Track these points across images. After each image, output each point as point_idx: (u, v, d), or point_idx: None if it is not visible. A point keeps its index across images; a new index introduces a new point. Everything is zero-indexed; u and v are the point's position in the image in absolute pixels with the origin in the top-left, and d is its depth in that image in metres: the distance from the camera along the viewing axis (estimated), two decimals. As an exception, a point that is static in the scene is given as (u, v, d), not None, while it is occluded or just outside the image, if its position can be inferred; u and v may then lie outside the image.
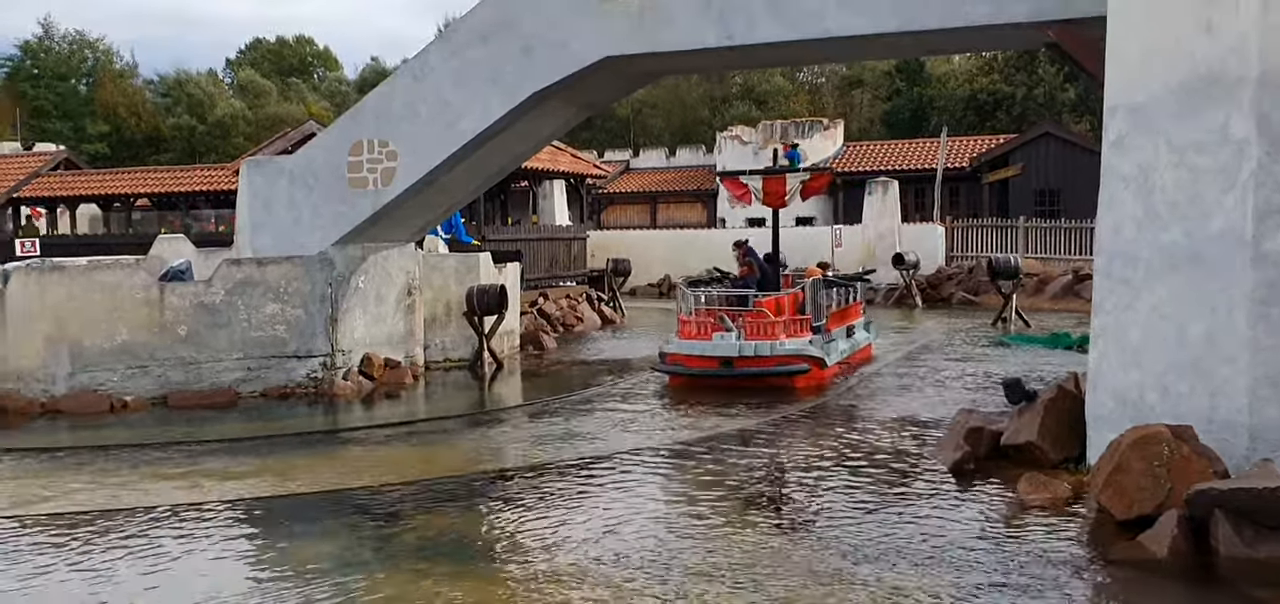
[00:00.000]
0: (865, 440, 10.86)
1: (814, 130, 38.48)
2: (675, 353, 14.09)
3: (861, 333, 16.64)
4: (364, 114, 14.14)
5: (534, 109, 13.57)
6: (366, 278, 14.94)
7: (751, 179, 15.41)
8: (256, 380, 14.16)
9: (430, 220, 16.13)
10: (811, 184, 15.40)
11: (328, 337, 14.42)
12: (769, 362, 13.63)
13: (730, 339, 13.75)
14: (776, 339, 13.80)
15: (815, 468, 9.67)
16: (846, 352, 15.39)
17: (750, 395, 13.09)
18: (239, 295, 14.08)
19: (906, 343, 19.22)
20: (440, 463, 10.25)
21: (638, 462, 10.07)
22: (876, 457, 10.06)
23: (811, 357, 13.92)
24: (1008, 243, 30.81)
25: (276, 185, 14.40)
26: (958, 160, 36.29)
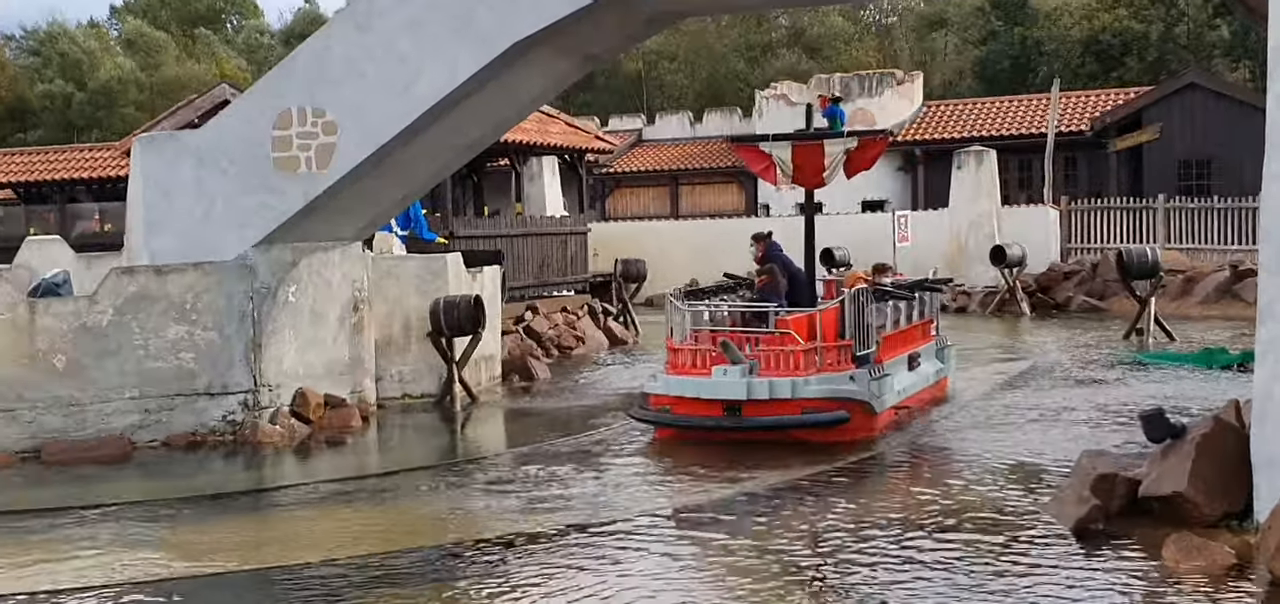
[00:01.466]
0: (956, 495, 10.82)
1: (884, 86, 38.55)
2: (661, 394, 13.41)
3: (931, 363, 15.64)
4: (293, 75, 14.21)
5: (516, 64, 13.62)
6: (299, 289, 15.02)
7: (776, 147, 14.39)
8: (157, 425, 14.21)
9: (382, 213, 16.20)
10: (860, 154, 14.20)
11: (249, 367, 14.48)
12: (791, 407, 12.73)
13: (736, 376, 12.82)
14: (801, 375, 12.85)
15: (889, 533, 9.64)
16: (907, 390, 14.35)
17: (767, 452, 12.37)
18: (133, 315, 14.14)
19: (1009, 363, 19.18)
20: (397, 532, 10.24)
21: (653, 528, 10.08)
22: (972, 516, 10.03)
23: (852, 399, 12.91)
24: (1143, 230, 30.74)
25: (180, 169, 14.47)
26: (1074, 122, 36.24)
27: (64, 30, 62.61)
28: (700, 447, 12.77)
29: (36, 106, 57.62)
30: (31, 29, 65.47)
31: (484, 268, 19.16)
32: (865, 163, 14.38)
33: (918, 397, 14.82)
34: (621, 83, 56.50)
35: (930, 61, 52.77)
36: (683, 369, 13.41)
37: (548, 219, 27.81)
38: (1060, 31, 48.70)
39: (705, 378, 13.05)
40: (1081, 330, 23.62)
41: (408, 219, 21.33)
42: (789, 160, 14.21)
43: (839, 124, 14.97)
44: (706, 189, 42.19)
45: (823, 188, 14.83)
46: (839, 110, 15.38)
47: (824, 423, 12.76)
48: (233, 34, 68.14)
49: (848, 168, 14.24)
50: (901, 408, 14.13)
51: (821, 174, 14.26)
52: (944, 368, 16.08)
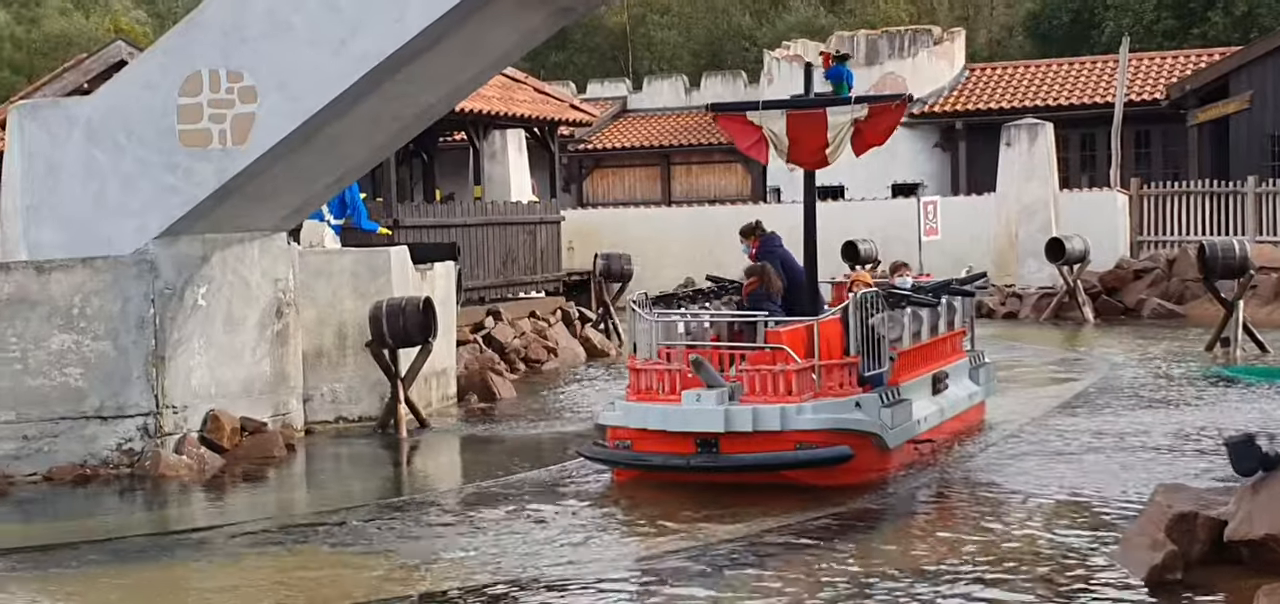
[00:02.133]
0: (1006, 537, 10.81)
1: (919, 45, 38.69)
2: (620, 425, 12.90)
3: (963, 384, 15.03)
4: (203, 30, 14.20)
5: (476, 15, 13.64)
6: (211, 290, 15.01)
7: (767, 117, 13.83)
8: (37, 454, 14.18)
9: (311, 198, 16.21)
10: (871, 125, 13.63)
11: (150, 385, 14.45)
12: (781, 442, 12.14)
13: (711, 402, 12.23)
14: (794, 401, 12.31)
15: (927, 581, 9.64)
16: (931, 419, 13.74)
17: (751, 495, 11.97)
18: (8, 322, 14.14)
19: (1068, 382, 19.22)
20: (326, 585, 10.23)
21: (637, 580, 10.09)
22: (1026, 562, 10.04)
23: (858, 431, 12.36)
24: (1229, 219, 30.85)
25: (66, 144, 14.46)
26: (1147, 90, 36.37)
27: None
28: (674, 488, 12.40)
29: (-107, 69, 57.46)
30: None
31: (436, 265, 19.16)
32: (877, 137, 13.84)
33: (945, 427, 14.20)
34: (602, 42, 56.61)
35: (974, 16, 52.96)
36: (646, 394, 12.84)
37: (513, 205, 27.82)
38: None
39: (673, 405, 12.44)
40: (1155, 340, 23.69)
41: (343, 205, 21.29)
42: (783, 133, 13.65)
43: (845, 88, 14.20)
44: (705, 169, 42.27)
45: (825, 167, 14.30)
46: (846, 72, 14.49)
47: (821, 461, 12.18)
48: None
49: (856, 142, 13.69)
50: (923, 441, 13.57)
51: (824, 150, 13.69)
52: (979, 390, 15.49)
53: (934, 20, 47.59)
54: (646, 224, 34.58)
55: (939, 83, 38.46)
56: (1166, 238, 31.56)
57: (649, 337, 13.17)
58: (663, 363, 12.88)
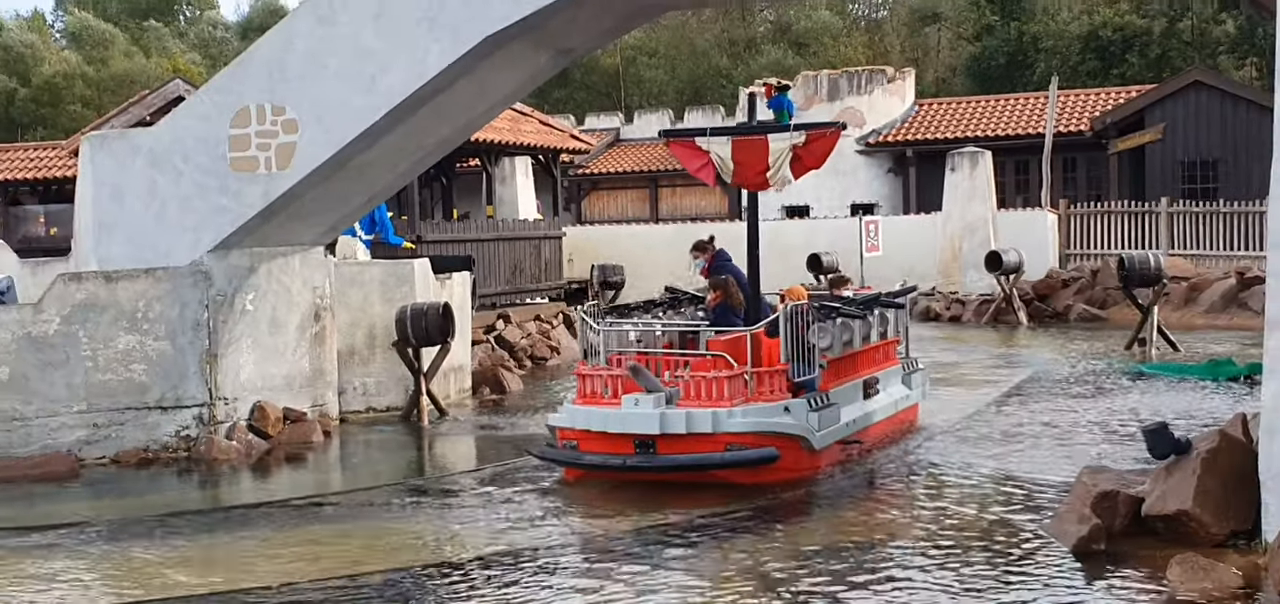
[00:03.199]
0: (948, 512, 10.86)
1: (874, 83, 38.68)
2: (567, 427, 12.40)
3: (894, 388, 14.51)
4: (251, 70, 14.20)
5: (489, 58, 13.63)
6: (257, 297, 14.99)
7: (714, 142, 13.20)
8: (106, 440, 14.17)
9: (345, 216, 16.19)
10: (808, 150, 13.07)
11: (204, 379, 14.45)
12: (713, 443, 11.70)
13: (649, 406, 11.77)
14: (723, 406, 11.83)
15: (873, 553, 9.67)
16: (860, 422, 13.28)
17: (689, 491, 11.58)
18: (81, 324, 14.10)
19: (1006, 375, 19.27)
20: (359, 554, 10.24)
21: (627, 547, 10.10)
22: (967, 535, 10.07)
23: (785, 434, 11.93)
24: (1145, 235, 30.92)
25: (131, 170, 14.45)
26: (1073, 122, 36.43)
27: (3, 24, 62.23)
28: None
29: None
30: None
31: (453, 274, 19.15)
32: (814, 161, 13.24)
33: (874, 429, 13.70)
34: (598, 79, 56.62)
35: (922, 58, 53.02)
36: (591, 398, 12.35)
37: (521, 223, 27.82)
38: (1058, 27, 48.98)
39: (614, 409, 11.95)
40: (1081, 340, 23.73)
41: (372, 222, 21.30)
42: (729, 157, 13.09)
43: (786, 117, 13.69)
44: (688, 191, 42.24)
45: (766, 190, 13.69)
46: (787, 102, 13.94)
47: (749, 462, 11.72)
48: (186, 26, 67.93)
49: (795, 166, 13.08)
50: (851, 442, 13.07)
51: (765, 173, 13.12)
52: (912, 394, 14.95)
53: (887, 61, 47.64)
54: (636, 239, 34.52)
55: (892, 116, 38.48)
56: (1091, 251, 31.61)
57: (597, 344, 12.64)
58: (606, 369, 12.39)
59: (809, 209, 37.05)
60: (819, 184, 37.76)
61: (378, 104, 13.65)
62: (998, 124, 37.65)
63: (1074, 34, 48.27)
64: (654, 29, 55.33)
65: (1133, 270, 22.07)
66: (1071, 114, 36.90)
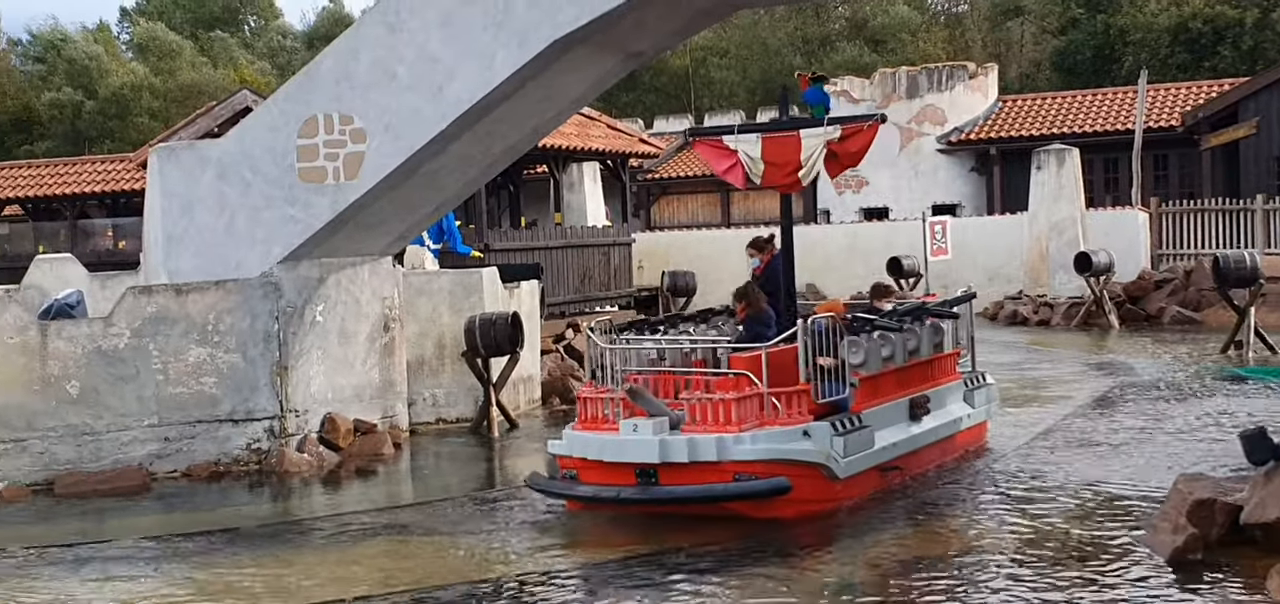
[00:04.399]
0: (1035, 521, 10.78)
1: (955, 79, 38.40)
2: (567, 454, 11.67)
3: (952, 407, 13.47)
4: (319, 80, 14.39)
5: (556, 63, 13.72)
6: (327, 308, 15.18)
7: (742, 141, 12.54)
8: (177, 454, 14.40)
9: (413, 225, 16.35)
10: (844, 146, 12.34)
11: (274, 391, 14.65)
12: (717, 473, 10.86)
13: (648, 432, 10.98)
14: (731, 431, 10.97)
15: (958, 563, 9.62)
16: (902, 446, 12.27)
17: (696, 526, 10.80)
18: (151, 337, 14.34)
19: (1096, 381, 19.05)
20: (432, 567, 10.34)
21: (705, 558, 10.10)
22: (1054, 545, 9.99)
23: (801, 462, 11.03)
24: (1240, 234, 30.42)
25: (199, 182, 14.68)
26: (1164, 117, 35.94)
27: (70, 36, 63.50)
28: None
29: (44, 116, 58.51)
30: (34, 33, 66.49)
31: (521, 283, 19.26)
32: (850, 157, 12.57)
33: (926, 453, 12.79)
34: (668, 81, 56.65)
35: (1005, 53, 52.50)
36: (592, 423, 11.57)
37: (589, 229, 27.93)
38: (1146, 19, 48.32)
39: (612, 435, 11.21)
40: (1175, 344, 23.40)
41: (441, 232, 21.51)
42: (759, 156, 12.40)
43: (821, 111, 12.92)
44: (760, 195, 42.03)
45: (798, 191, 12.84)
46: (823, 94, 13.17)
47: (753, 494, 10.85)
48: (252, 36, 68.93)
49: (831, 164, 12.40)
50: (891, 468, 12.14)
51: (797, 173, 12.38)
52: (976, 412, 13.88)
53: (969, 57, 47.23)
54: (708, 244, 34.53)
55: (974, 113, 38.19)
56: (1183, 251, 31.16)
57: (604, 363, 11.95)
58: (610, 390, 11.70)
59: (888, 210, 36.87)
60: (898, 184, 37.64)
61: (445, 111, 13.78)
62: (1085, 120, 37.25)
63: (1163, 26, 47.60)
64: (724, 28, 55.29)
65: (1228, 270, 21.75)
66: (1161, 109, 36.41)
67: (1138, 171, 33.45)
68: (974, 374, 14.19)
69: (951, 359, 13.72)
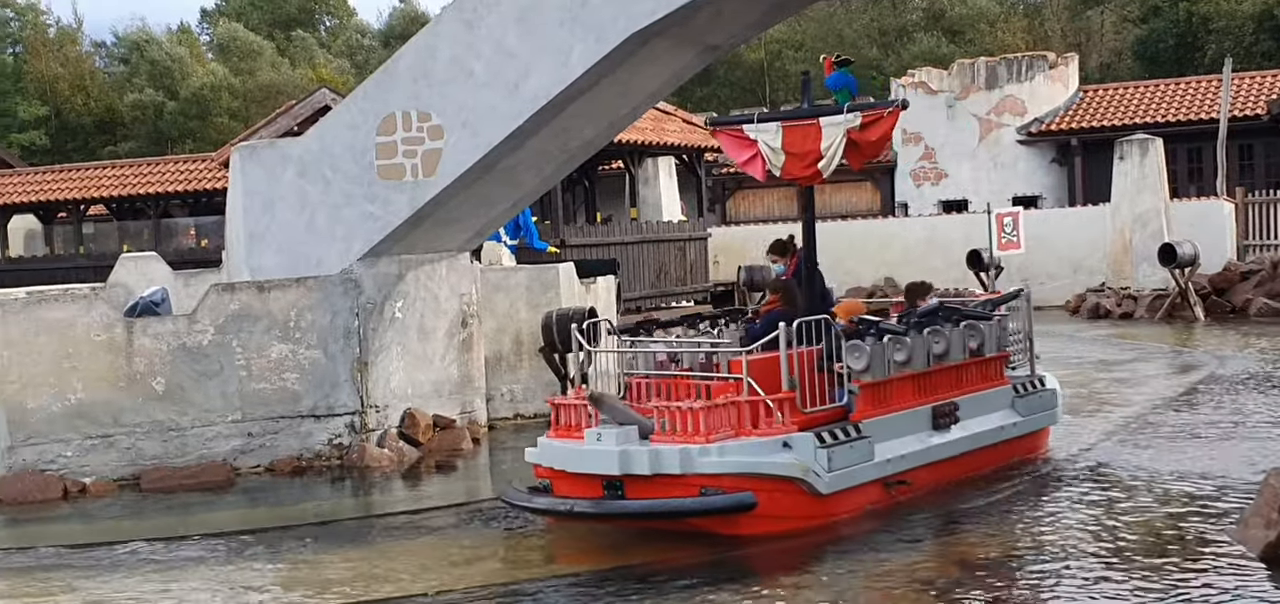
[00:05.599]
0: (1118, 513, 10.66)
1: (1035, 70, 37.96)
2: (540, 463, 11.15)
3: (994, 415, 12.47)
4: (396, 77, 14.51)
5: (633, 57, 13.74)
6: (406, 304, 15.32)
7: (762, 130, 11.91)
8: (261, 450, 14.60)
9: (490, 221, 16.45)
10: (865, 135, 11.65)
11: (355, 387, 14.81)
12: (682, 487, 10.25)
13: (611, 441, 10.39)
14: (698, 441, 10.30)
15: (1050, 560, 9.52)
16: (916, 458, 11.41)
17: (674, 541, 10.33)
18: (234, 333, 14.55)
19: (1181, 374, 18.76)
20: (513, 561, 10.45)
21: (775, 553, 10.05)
22: (1146, 541, 9.87)
23: (775, 476, 10.33)
24: (1331, 223, 29.79)
25: (280, 180, 14.86)
26: (1249, 105, 35.26)
27: (153, 38, 64.60)
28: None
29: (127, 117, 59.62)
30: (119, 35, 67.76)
31: (598, 278, 19.30)
32: (871, 147, 11.87)
33: (947, 464, 11.82)
34: (743, 75, 56.57)
35: (1085, 42, 51.84)
36: (565, 431, 11.03)
37: (665, 224, 27.97)
38: (1230, 6, 47.50)
39: (577, 445, 10.72)
40: (1263, 336, 22.96)
41: (517, 227, 21.63)
42: (779, 146, 11.80)
43: (847, 97, 12.16)
44: (837, 188, 41.91)
45: (818, 182, 12.20)
46: (848, 79, 12.38)
47: (713, 510, 10.22)
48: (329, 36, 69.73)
49: (853, 154, 11.74)
50: (897, 483, 11.23)
51: (817, 163, 11.73)
52: (1029, 420, 12.86)
53: (1048, 46, 46.67)
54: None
55: (1054, 104, 37.73)
56: (1271, 242, 30.56)
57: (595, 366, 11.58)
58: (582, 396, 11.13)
59: (967, 203, 36.54)
60: (978, 176, 37.28)
61: (522, 107, 13.84)
62: (1168, 109, 36.67)
63: (1247, 13, 46.79)
64: (800, 21, 55.08)
65: (1319, 261, 21.31)
66: (1247, 97, 35.73)
67: (1223, 161, 32.87)
68: (1030, 378, 13.21)
69: (995, 363, 12.71)
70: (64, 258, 34.09)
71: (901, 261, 32.07)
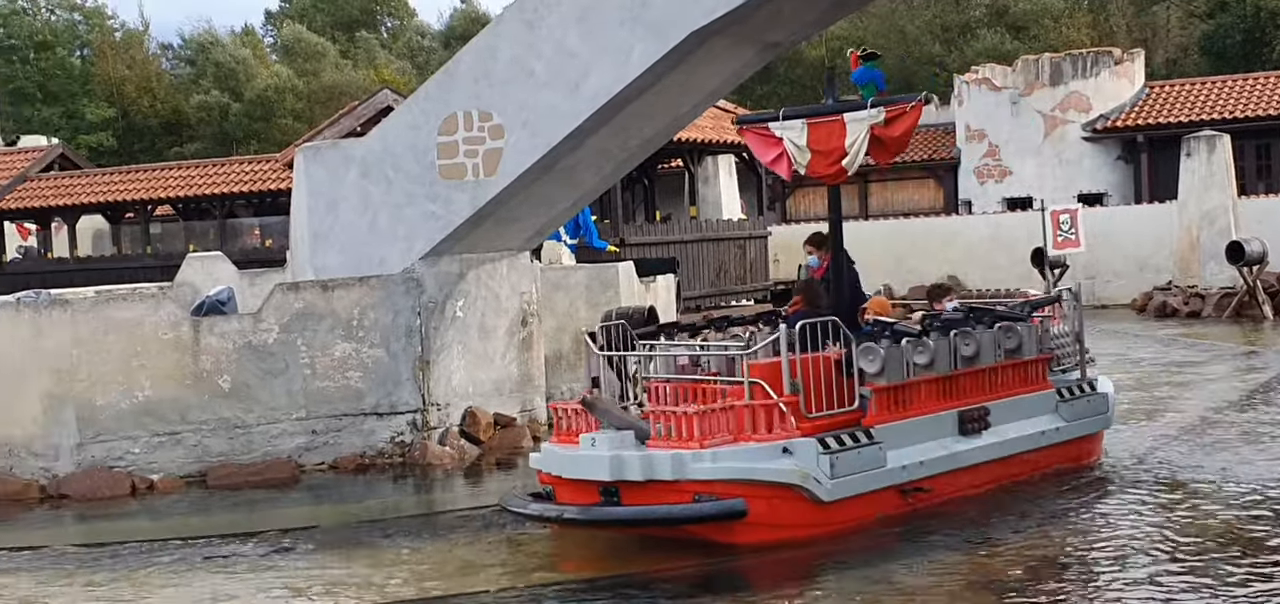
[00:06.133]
0: (1184, 518, 10.56)
1: (1100, 66, 37.58)
2: (542, 469, 11.01)
3: (1032, 420, 11.97)
4: (458, 78, 14.62)
5: (693, 55, 13.75)
6: (467, 303, 15.42)
7: (788, 128, 11.64)
8: (324, 447, 14.76)
9: (550, 220, 16.51)
10: (889, 131, 11.32)
11: (417, 385, 14.93)
12: (676, 493, 10.03)
13: (604, 447, 10.26)
14: (692, 446, 10.05)
15: (1107, 558, 9.45)
16: (935, 464, 11.02)
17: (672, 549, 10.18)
18: (298, 332, 14.73)
19: (1249, 373, 18.52)
20: (574, 560, 10.50)
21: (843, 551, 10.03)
22: (1209, 541, 9.77)
23: (771, 482, 10.09)
24: (1406, 220, 29.26)
25: (344, 180, 15.01)
26: (1322, 100, 34.74)
27: (218, 40, 65.43)
28: None
29: (193, 118, 60.42)
30: (184, 37, 68.69)
31: (657, 277, 19.33)
32: (895, 144, 11.50)
33: (971, 473, 11.39)
34: (803, 73, 56.30)
35: (1151, 38, 51.18)
36: (566, 436, 10.88)
37: (724, 223, 27.95)
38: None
39: (573, 450, 10.60)
40: (1335, 336, 22.65)
41: (577, 226, 21.71)
42: (805, 144, 11.49)
43: (873, 92, 11.77)
44: (899, 185, 41.72)
45: (843, 180, 11.92)
46: (875, 74, 11.97)
47: (702, 517, 9.99)
48: (390, 37, 70.27)
49: (877, 151, 11.45)
50: (915, 490, 10.90)
51: (841, 161, 11.43)
52: (1071, 426, 12.29)
53: (1114, 42, 46.14)
54: (846, 236, 34.26)
55: (1120, 100, 37.34)
56: (1344, 239, 30.10)
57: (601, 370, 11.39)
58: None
59: (1031, 200, 36.23)
60: (1043, 173, 36.97)
61: (582, 106, 13.89)
62: (1236, 105, 36.16)
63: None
64: (861, 18, 54.75)
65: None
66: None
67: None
68: (1078, 383, 12.65)
69: (1034, 366, 12.20)
70: (131, 257, 34.60)
71: (965, 260, 31.88)
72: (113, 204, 35.55)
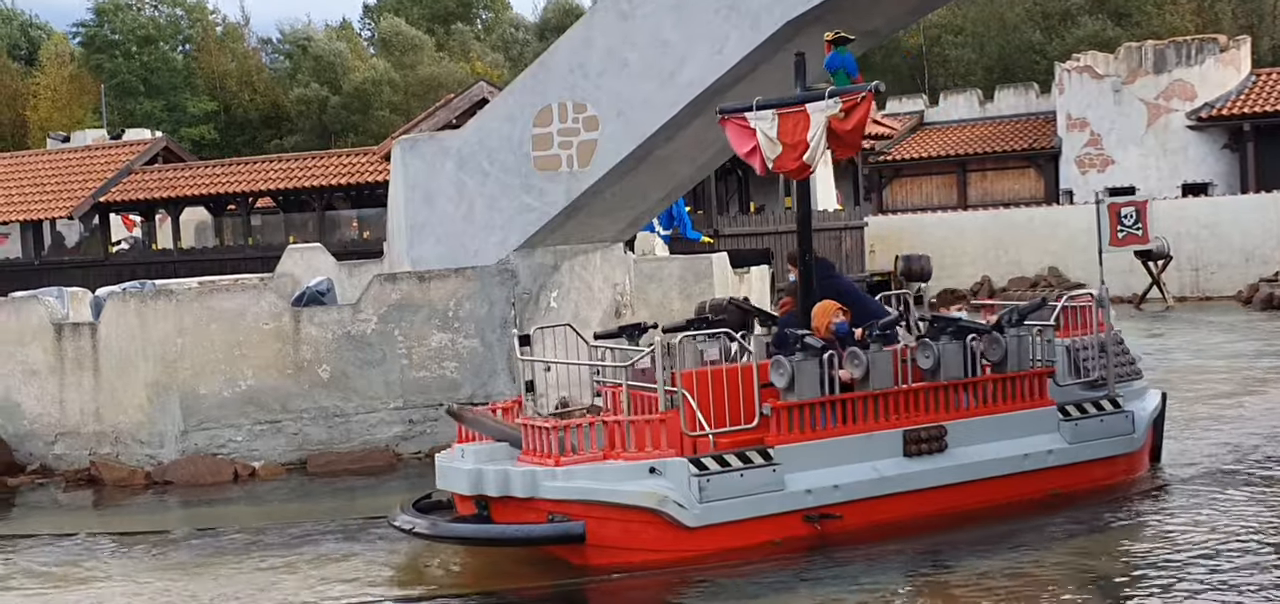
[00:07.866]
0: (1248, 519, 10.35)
1: (1205, 53, 36.80)
2: (438, 481, 10.91)
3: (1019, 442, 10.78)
4: (552, 69, 14.73)
5: (789, 44, 13.71)
6: (561, 294, 15.53)
7: (759, 118, 10.92)
8: (420, 436, 14.96)
9: (644, 212, 16.55)
10: (845, 124, 10.64)
11: (511, 375, 15.04)
12: (531, 511, 9.76)
13: (469, 460, 10.17)
14: (555, 460, 9.74)
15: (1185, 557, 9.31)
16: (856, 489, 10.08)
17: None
18: (396, 323, 14.95)
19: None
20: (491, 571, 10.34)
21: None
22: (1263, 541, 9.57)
23: (628, 505, 9.54)
24: None
25: (440, 172, 15.19)
26: None
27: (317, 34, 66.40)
28: None
29: (292, 112, 61.34)
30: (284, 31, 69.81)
31: (751, 268, 19.31)
32: (850, 136, 10.78)
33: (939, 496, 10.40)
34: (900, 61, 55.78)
35: (1258, 24, 49.97)
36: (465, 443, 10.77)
37: (820, 213, 27.79)
38: None
39: (450, 459, 10.51)
40: None
41: (671, 218, 21.78)
42: (775, 136, 10.86)
43: (845, 80, 10.99)
44: (999, 175, 41.19)
45: (805, 177, 11.20)
46: (846, 59, 11.12)
47: (556, 538, 9.69)
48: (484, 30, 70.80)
49: (833, 144, 10.87)
50: (823, 516, 9.95)
51: (804, 155, 10.76)
52: (1076, 448, 11.02)
53: (1219, 29, 45.14)
54: (944, 227, 33.95)
55: (1226, 87, 36.53)
56: None
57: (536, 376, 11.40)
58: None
59: (1135, 190, 35.63)
60: (1146, 163, 36.32)
61: (677, 97, 13.94)
62: (1350, 91, 35.25)
63: None
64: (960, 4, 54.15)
65: None
66: None
67: None
68: (1100, 398, 11.33)
69: (1028, 380, 11.01)
70: (233, 249, 35.24)
71: (1066, 250, 31.44)
72: (215, 196, 36.22)
